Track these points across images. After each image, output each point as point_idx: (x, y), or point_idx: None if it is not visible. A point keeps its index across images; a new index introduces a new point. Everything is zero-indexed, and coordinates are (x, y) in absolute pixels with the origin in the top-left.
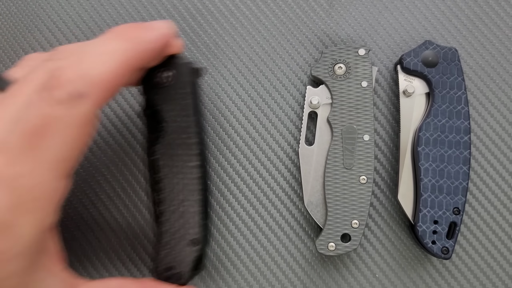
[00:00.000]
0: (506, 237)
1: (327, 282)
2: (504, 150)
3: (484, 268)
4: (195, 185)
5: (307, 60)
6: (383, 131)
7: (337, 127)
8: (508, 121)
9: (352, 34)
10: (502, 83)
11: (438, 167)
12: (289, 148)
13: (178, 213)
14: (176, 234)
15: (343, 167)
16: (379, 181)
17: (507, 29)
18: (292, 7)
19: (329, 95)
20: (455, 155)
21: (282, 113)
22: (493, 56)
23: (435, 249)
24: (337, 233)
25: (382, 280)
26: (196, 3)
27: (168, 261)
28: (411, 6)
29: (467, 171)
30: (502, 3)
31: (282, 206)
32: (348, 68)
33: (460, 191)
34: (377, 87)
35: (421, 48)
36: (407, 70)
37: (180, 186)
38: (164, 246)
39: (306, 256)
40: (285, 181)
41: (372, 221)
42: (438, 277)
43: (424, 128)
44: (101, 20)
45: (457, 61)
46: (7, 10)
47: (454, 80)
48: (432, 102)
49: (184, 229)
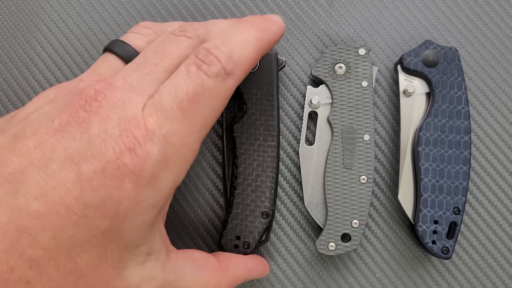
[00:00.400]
0: (506, 237)
1: (327, 282)
2: (505, 150)
3: (484, 268)
4: (271, 163)
5: (307, 60)
6: (383, 131)
7: (337, 127)
8: (508, 121)
9: (352, 33)
10: (502, 82)
11: (438, 167)
12: (289, 148)
13: (253, 187)
14: (249, 206)
15: (343, 167)
16: (379, 181)
17: (508, 29)
18: (292, 7)
19: (329, 95)
20: (455, 155)
21: (282, 112)
22: (494, 56)
23: (435, 249)
24: (337, 233)
25: (382, 280)
26: (196, 3)
27: (238, 231)
28: (411, 6)
29: (467, 171)
30: (503, 3)
31: (282, 206)
32: (348, 68)
33: (460, 191)
34: (377, 87)
35: (421, 48)
36: (407, 70)
37: (257, 163)
38: (235, 216)
39: (306, 256)
40: (285, 181)
41: (372, 221)
42: (438, 277)
43: (424, 128)
44: (101, 20)
45: (457, 61)
46: (7, 10)
47: (455, 80)
48: (432, 102)
49: (257, 202)
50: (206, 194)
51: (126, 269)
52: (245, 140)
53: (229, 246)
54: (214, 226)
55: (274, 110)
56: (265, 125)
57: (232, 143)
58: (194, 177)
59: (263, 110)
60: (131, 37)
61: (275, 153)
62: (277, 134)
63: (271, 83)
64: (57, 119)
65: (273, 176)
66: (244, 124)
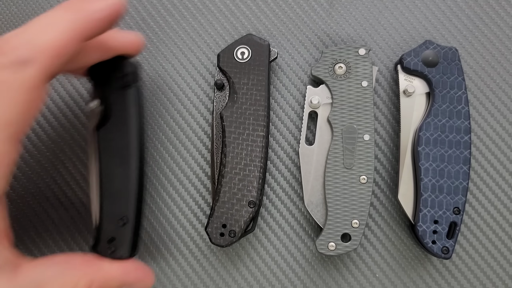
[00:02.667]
0: (506, 237)
1: (327, 282)
2: (505, 150)
3: (484, 268)
4: (259, 153)
5: (307, 60)
6: (383, 131)
7: (337, 127)
8: (508, 121)
9: (353, 33)
10: (502, 82)
11: (439, 167)
12: (289, 148)
13: (240, 176)
14: (236, 195)
15: (343, 167)
16: (379, 181)
17: (508, 29)
18: (292, 6)
19: (330, 95)
20: (455, 155)
21: (282, 112)
22: (493, 56)
23: (435, 249)
24: (337, 233)
25: (382, 280)
26: (196, 3)
27: (224, 219)
28: (411, 6)
29: (467, 171)
30: (503, 3)
31: (282, 206)
32: (349, 68)
33: (460, 191)
34: (377, 87)
35: (422, 48)
36: (408, 70)
37: (246, 152)
38: (222, 204)
39: (306, 256)
40: (285, 181)
41: (372, 221)
42: (438, 277)
43: (425, 128)
44: None
45: (457, 61)
46: (8, 10)
47: (455, 80)
48: (433, 102)
49: (244, 191)
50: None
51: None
52: (234, 129)
53: (215, 234)
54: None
55: (265, 100)
56: (255, 115)
57: (221, 132)
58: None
59: (254, 100)
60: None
61: (264, 143)
62: (267, 124)
63: (263, 73)
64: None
65: (261, 166)
66: (234, 113)
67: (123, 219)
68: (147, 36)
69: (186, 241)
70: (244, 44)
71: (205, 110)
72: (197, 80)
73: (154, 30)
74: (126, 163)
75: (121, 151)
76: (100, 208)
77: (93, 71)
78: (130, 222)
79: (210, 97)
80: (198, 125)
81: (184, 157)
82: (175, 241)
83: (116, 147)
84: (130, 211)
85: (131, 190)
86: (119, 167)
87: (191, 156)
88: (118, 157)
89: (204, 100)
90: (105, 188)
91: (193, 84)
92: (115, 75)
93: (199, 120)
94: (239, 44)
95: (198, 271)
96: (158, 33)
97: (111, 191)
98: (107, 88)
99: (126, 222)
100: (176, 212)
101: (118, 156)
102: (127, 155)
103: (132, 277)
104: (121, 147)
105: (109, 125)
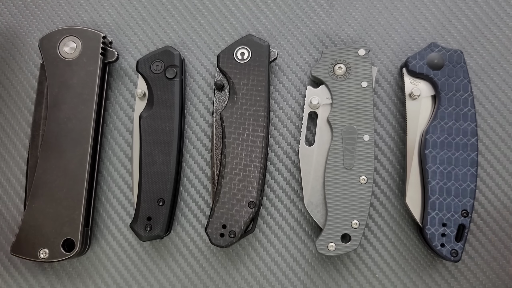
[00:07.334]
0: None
1: (327, 282)
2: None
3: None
4: (259, 153)
5: (307, 61)
6: (383, 132)
7: (337, 127)
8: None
9: (352, 34)
10: (504, 85)
11: (446, 170)
12: (289, 148)
13: (240, 177)
14: (235, 196)
15: (343, 167)
16: (379, 181)
17: (510, 32)
18: (292, 7)
19: (329, 95)
20: (463, 157)
21: (282, 113)
22: (496, 59)
23: (444, 252)
24: (337, 233)
25: (382, 280)
26: (196, 3)
27: (224, 220)
28: (411, 7)
29: (475, 173)
30: (505, 6)
31: (282, 207)
32: (348, 69)
33: (468, 193)
34: (377, 88)
35: (427, 51)
36: (413, 72)
37: (246, 153)
38: (222, 205)
39: (306, 256)
40: (285, 181)
41: (372, 221)
42: (441, 280)
43: (431, 130)
44: (101, 20)
45: (462, 63)
46: (7, 10)
47: (460, 82)
48: (439, 105)
49: (244, 192)
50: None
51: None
52: (234, 130)
53: (215, 235)
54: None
55: (265, 101)
56: (255, 115)
57: (221, 132)
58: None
59: (254, 101)
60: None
61: (263, 143)
62: (267, 125)
63: (262, 74)
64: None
65: (261, 166)
66: (234, 114)
67: (160, 200)
68: (147, 36)
69: (186, 241)
70: (244, 44)
71: (205, 111)
72: (197, 80)
73: (154, 30)
74: (167, 148)
75: (162, 137)
76: (139, 189)
77: (142, 61)
78: (167, 203)
79: (210, 98)
80: (198, 125)
81: (184, 158)
82: (175, 242)
83: (158, 133)
84: (168, 193)
85: (169, 174)
86: (160, 152)
87: (191, 156)
88: (159, 143)
89: (204, 101)
90: (145, 171)
91: (193, 84)
92: (163, 66)
93: (199, 120)
94: (239, 45)
95: (198, 272)
96: (158, 33)
97: (151, 173)
98: (154, 77)
99: (163, 203)
100: (176, 212)
101: (159, 141)
102: (169, 141)
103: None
104: (163, 134)
105: (153, 112)
